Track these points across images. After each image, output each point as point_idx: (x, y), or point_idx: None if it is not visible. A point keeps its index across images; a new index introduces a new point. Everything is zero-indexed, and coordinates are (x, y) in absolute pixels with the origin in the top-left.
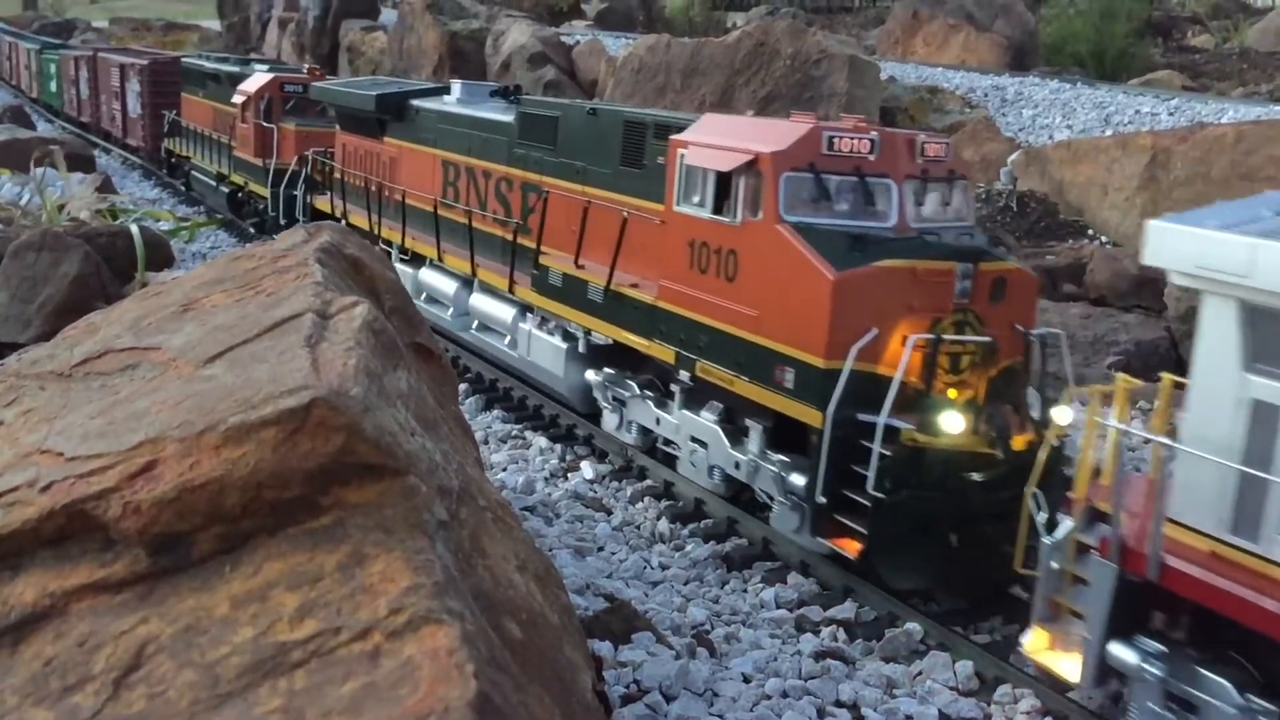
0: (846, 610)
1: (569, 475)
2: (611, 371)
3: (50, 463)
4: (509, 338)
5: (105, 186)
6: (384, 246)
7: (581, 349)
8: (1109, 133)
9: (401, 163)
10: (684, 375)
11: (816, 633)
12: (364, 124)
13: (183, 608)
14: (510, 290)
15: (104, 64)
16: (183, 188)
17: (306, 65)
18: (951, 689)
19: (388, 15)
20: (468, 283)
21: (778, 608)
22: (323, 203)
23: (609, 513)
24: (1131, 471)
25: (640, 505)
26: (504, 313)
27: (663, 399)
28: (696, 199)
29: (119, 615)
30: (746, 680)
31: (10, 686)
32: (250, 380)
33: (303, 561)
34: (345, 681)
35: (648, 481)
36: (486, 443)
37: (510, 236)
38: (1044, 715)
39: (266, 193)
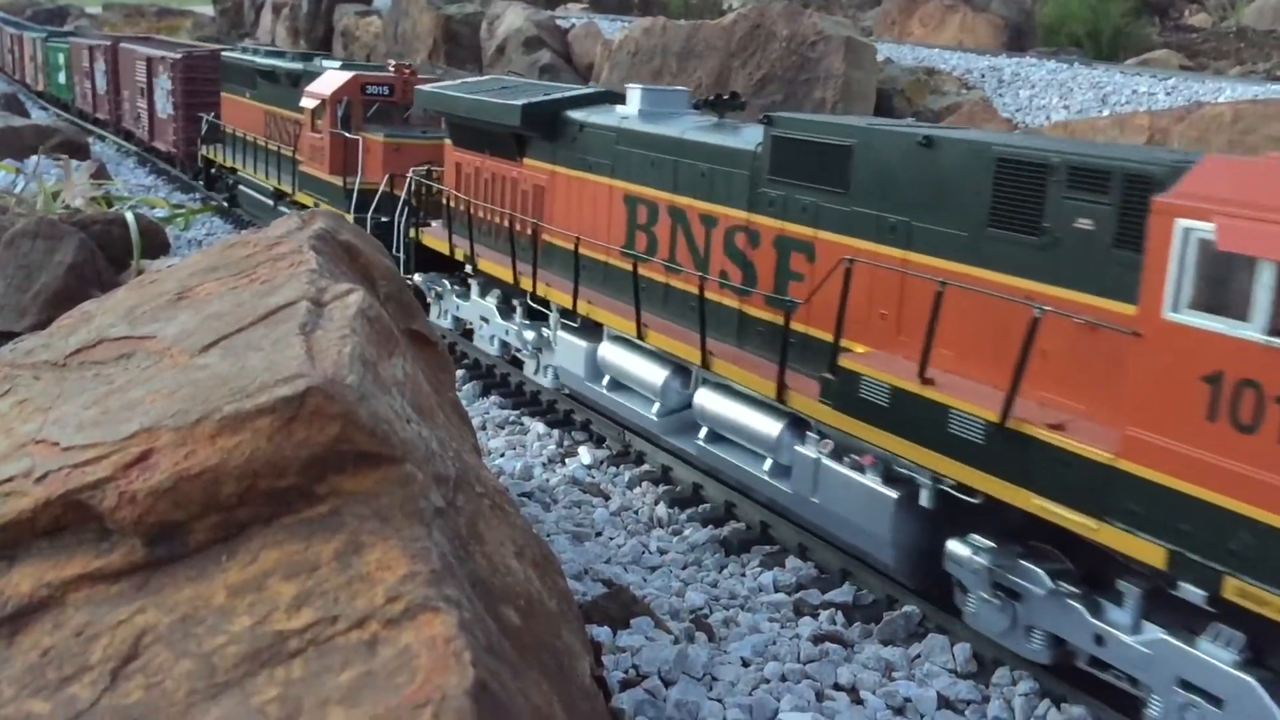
0: (845, 594)
1: (566, 460)
2: (991, 545)
3: (45, 453)
4: (771, 461)
5: (100, 174)
6: (534, 303)
7: (926, 502)
8: (1106, 113)
9: (554, 195)
10: (1190, 588)
11: (815, 616)
12: (493, 140)
13: (179, 597)
14: (780, 397)
15: (127, 56)
16: (225, 203)
17: (393, 62)
18: (950, 671)
19: None
20: (684, 371)
21: (776, 591)
22: (433, 238)
23: (607, 498)
24: None
25: (638, 490)
26: (762, 424)
27: (1096, 600)
28: (1233, 309)
29: (116, 605)
30: (745, 664)
31: (7, 677)
32: (245, 369)
33: (299, 550)
34: (343, 670)
35: (645, 466)
36: (484, 429)
37: (761, 314)
38: (1042, 697)
39: (347, 218)
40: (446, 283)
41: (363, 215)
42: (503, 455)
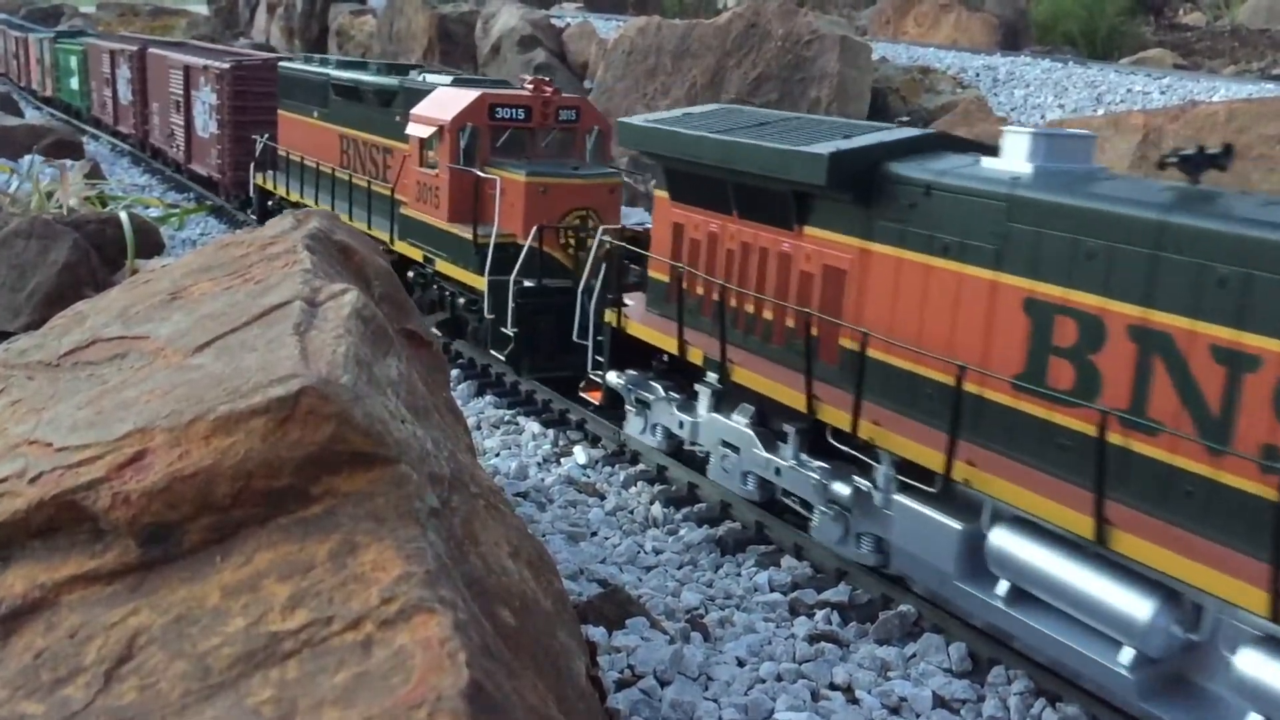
0: (840, 593)
1: (562, 460)
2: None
3: (39, 453)
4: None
5: (94, 173)
6: (836, 442)
7: None
8: (1101, 112)
9: (866, 283)
10: None
11: (810, 616)
12: (749, 198)
13: (174, 598)
14: None
15: (158, 63)
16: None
17: (528, 78)
18: (945, 670)
19: None
20: (1179, 599)
21: (771, 591)
22: (649, 330)
23: (602, 498)
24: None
25: (633, 490)
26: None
27: None
28: None
29: (110, 606)
30: (741, 664)
31: (1, 679)
32: (239, 369)
33: (294, 551)
34: (337, 671)
35: (641, 466)
36: (479, 428)
37: None
38: (1037, 695)
39: (478, 281)
40: (659, 387)
41: (501, 278)
42: (498, 455)
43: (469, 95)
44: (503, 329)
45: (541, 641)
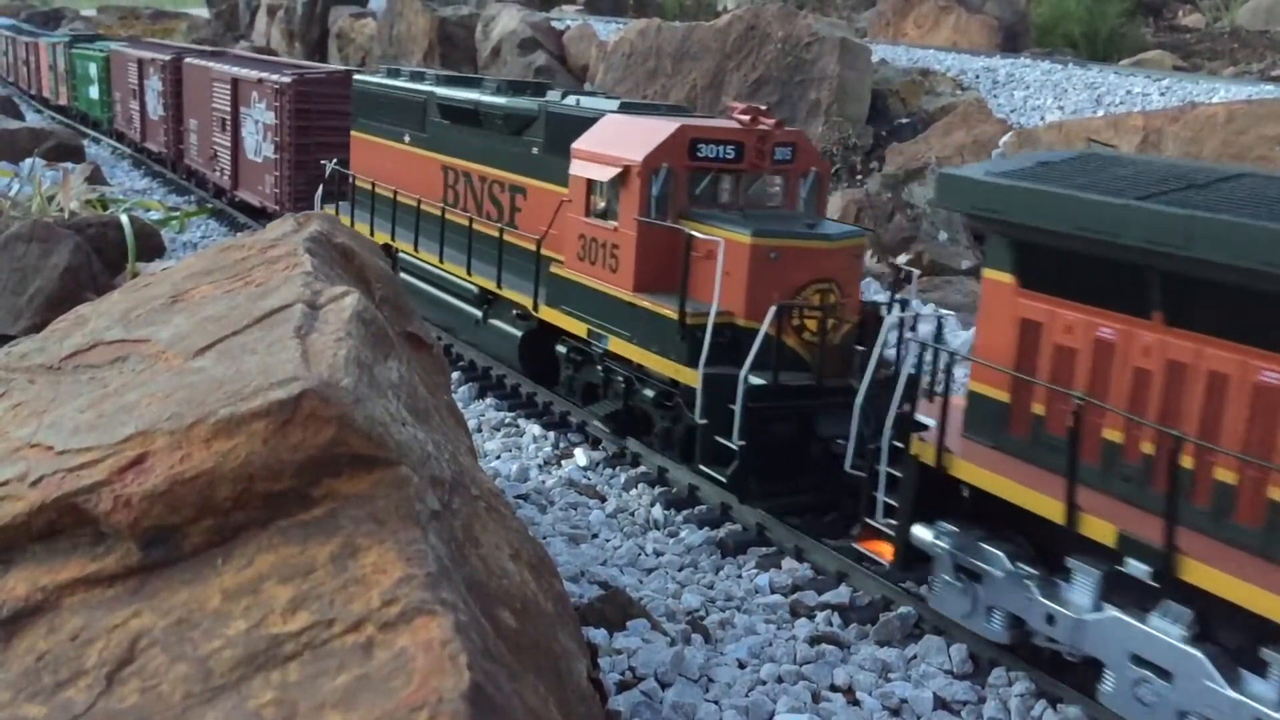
0: (841, 595)
1: (562, 462)
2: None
3: (40, 456)
4: None
5: (95, 177)
6: None
7: None
8: (1101, 113)
9: None
10: None
11: (811, 617)
12: (1206, 300)
13: (175, 601)
14: None
15: (198, 75)
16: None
17: (737, 105)
18: (946, 672)
19: (377, 1)
20: None
21: (772, 593)
22: (1013, 486)
23: (603, 500)
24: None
25: (634, 492)
26: None
27: None
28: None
29: (111, 609)
30: (741, 666)
31: (2, 682)
32: (240, 372)
33: (295, 554)
34: (339, 674)
35: (641, 468)
36: (479, 431)
37: None
38: (1038, 697)
39: (681, 373)
40: (1001, 554)
41: (723, 372)
42: (498, 457)
43: (663, 126)
44: (722, 440)
45: (542, 643)
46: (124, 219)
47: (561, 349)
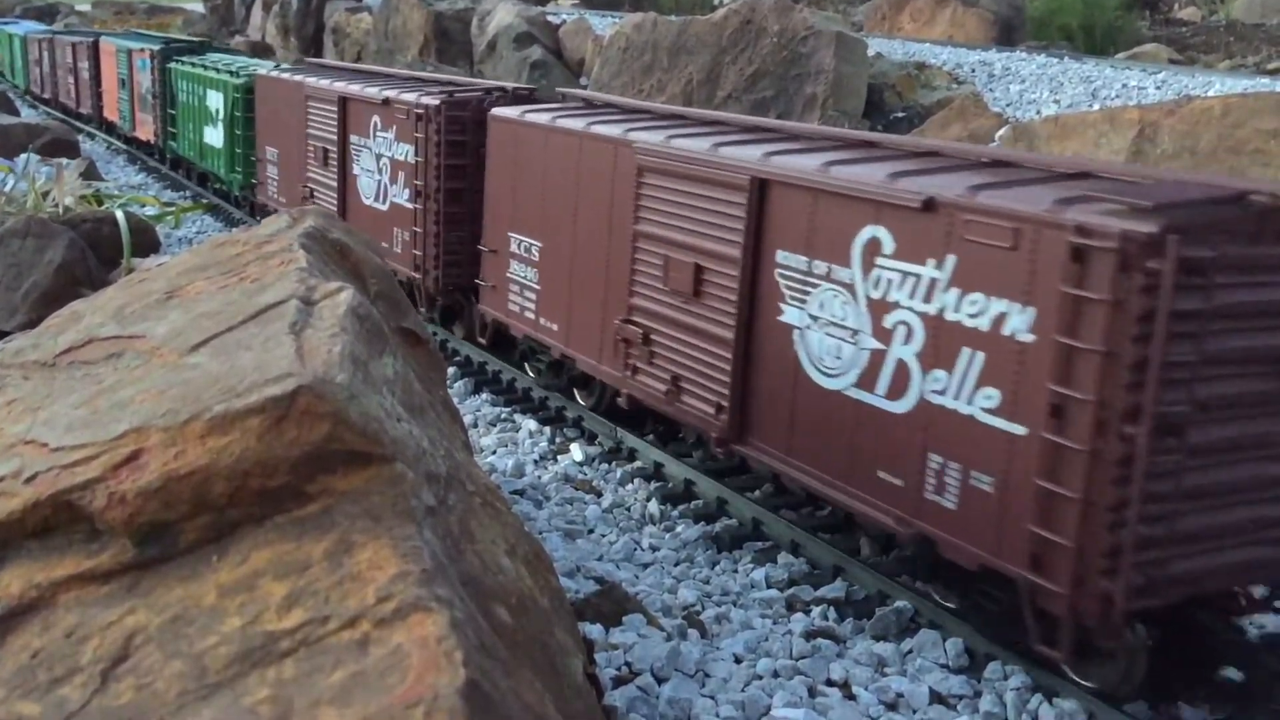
0: (837, 589)
1: (558, 458)
2: None
3: (34, 453)
4: None
5: (90, 172)
6: None
7: None
8: (1096, 107)
9: None
10: None
11: (807, 612)
12: None
13: (170, 598)
14: None
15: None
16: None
17: None
18: (942, 666)
19: None
20: None
21: (768, 587)
22: None
23: (599, 495)
24: None
25: (630, 487)
26: None
27: None
28: None
29: (106, 606)
30: (738, 660)
31: None
32: (235, 368)
33: (290, 550)
34: (334, 670)
35: (638, 463)
36: (475, 426)
37: None
38: (1034, 691)
39: None
40: None
41: None
42: (494, 453)
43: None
44: None
45: (538, 639)
46: (119, 215)
47: None
